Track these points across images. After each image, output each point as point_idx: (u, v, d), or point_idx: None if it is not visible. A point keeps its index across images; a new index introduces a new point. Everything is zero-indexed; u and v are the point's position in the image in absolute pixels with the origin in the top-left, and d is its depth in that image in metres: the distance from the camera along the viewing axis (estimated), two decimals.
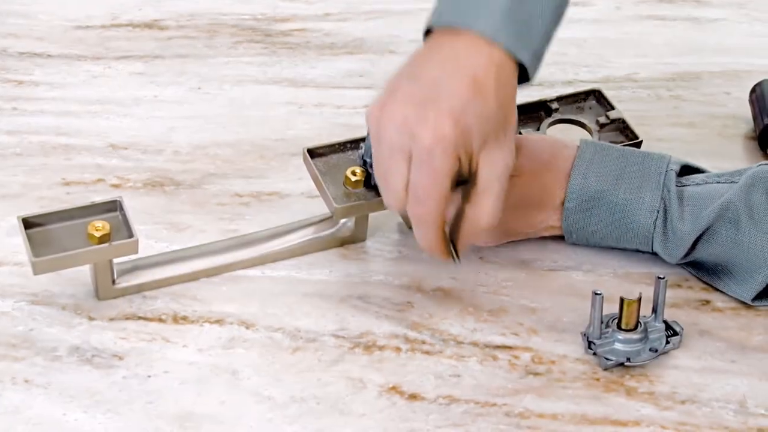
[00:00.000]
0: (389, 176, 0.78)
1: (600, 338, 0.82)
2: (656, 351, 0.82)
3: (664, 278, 0.82)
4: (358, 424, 0.79)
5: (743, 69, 1.10)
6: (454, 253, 0.82)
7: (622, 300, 0.82)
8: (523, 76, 0.82)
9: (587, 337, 0.83)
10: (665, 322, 0.84)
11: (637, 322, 0.82)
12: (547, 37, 0.82)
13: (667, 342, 0.83)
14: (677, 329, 0.84)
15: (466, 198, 0.80)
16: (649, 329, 0.83)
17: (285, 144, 1.01)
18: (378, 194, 0.88)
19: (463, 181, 0.84)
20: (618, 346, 0.82)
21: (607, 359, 0.82)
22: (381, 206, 0.89)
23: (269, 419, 0.79)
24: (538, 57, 0.81)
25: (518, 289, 0.89)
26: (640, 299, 0.81)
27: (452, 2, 0.81)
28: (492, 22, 0.79)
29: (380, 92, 0.81)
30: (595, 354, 0.82)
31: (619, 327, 0.82)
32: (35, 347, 0.84)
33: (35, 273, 0.82)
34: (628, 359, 0.81)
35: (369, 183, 0.89)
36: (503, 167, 0.79)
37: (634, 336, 0.82)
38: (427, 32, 0.82)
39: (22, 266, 0.88)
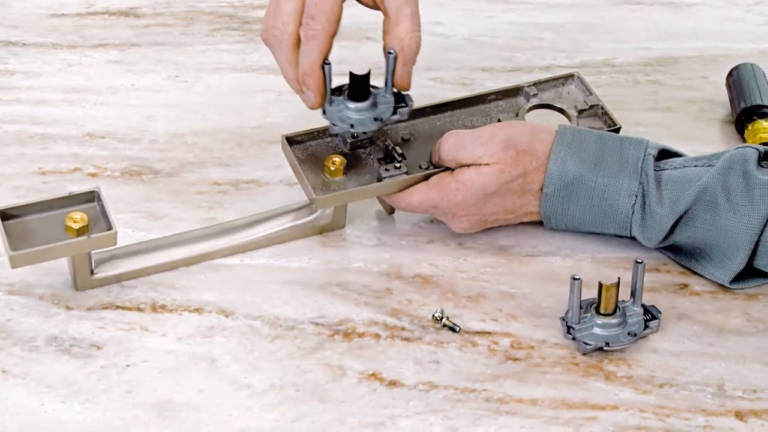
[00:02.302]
0: (281, 3, 0.84)
1: (579, 323, 0.82)
2: (635, 335, 0.82)
3: (642, 262, 0.82)
4: (337, 411, 0.79)
5: (720, 53, 1.10)
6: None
7: (600, 285, 0.82)
8: None
9: (566, 322, 0.83)
10: (643, 306, 0.84)
11: (616, 307, 0.82)
12: None
13: (646, 326, 0.83)
14: (655, 313, 0.84)
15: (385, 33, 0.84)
16: (627, 313, 0.83)
17: (263, 132, 1.01)
18: (359, 183, 0.88)
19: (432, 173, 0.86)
20: (597, 330, 0.82)
21: (586, 344, 0.82)
22: (360, 195, 0.89)
23: (248, 407, 0.79)
24: None
25: (497, 275, 0.89)
26: (618, 284, 0.82)
27: None
28: None
29: None
30: (574, 339, 0.82)
31: (597, 312, 0.83)
32: (12, 337, 0.83)
33: (13, 266, 0.82)
34: (607, 344, 0.82)
35: (347, 171, 0.89)
36: None
37: (613, 320, 0.82)
38: None
39: None
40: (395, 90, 0.87)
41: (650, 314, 0.84)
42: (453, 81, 1.07)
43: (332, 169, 0.88)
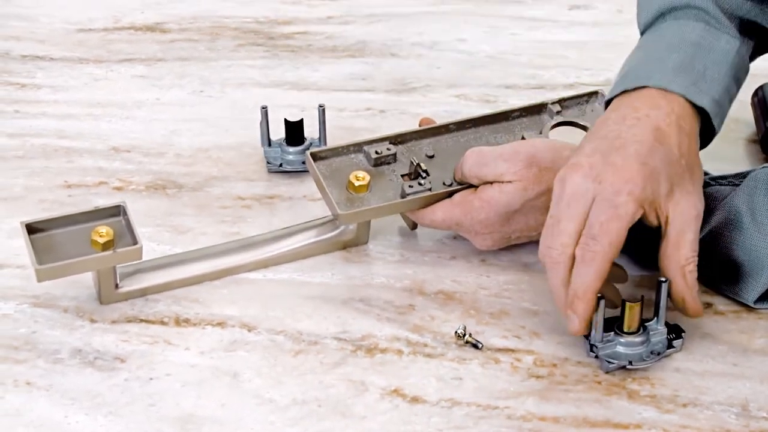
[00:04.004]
0: (562, 221, 0.77)
1: (602, 341, 0.82)
2: (658, 354, 0.82)
3: (665, 281, 0.82)
4: (359, 427, 0.79)
5: None
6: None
7: (624, 303, 0.82)
8: (706, 130, 0.82)
9: (589, 341, 0.83)
10: (667, 324, 0.84)
11: (639, 325, 0.82)
12: (726, 90, 0.82)
13: (669, 345, 0.83)
14: (679, 332, 0.84)
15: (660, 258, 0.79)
16: (650, 332, 0.83)
17: None
18: (383, 199, 0.88)
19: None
20: (620, 349, 0.82)
21: (608, 362, 0.82)
22: (385, 212, 0.89)
23: (271, 422, 0.79)
24: (719, 105, 0.81)
25: (520, 292, 0.89)
26: (642, 302, 0.81)
27: (628, 73, 0.83)
28: (666, 76, 0.79)
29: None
30: (597, 357, 0.82)
31: (621, 330, 0.82)
32: (37, 349, 0.84)
33: (39, 280, 0.82)
34: (630, 362, 0.81)
35: (371, 187, 0.89)
36: (694, 215, 0.78)
37: (636, 339, 0.82)
38: (607, 105, 0.84)
39: (24, 269, 0.88)
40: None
41: (674, 333, 0.84)
42: (477, 98, 1.07)
43: (356, 185, 0.89)
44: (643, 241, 0.82)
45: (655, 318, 0.83)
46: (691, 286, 0.80)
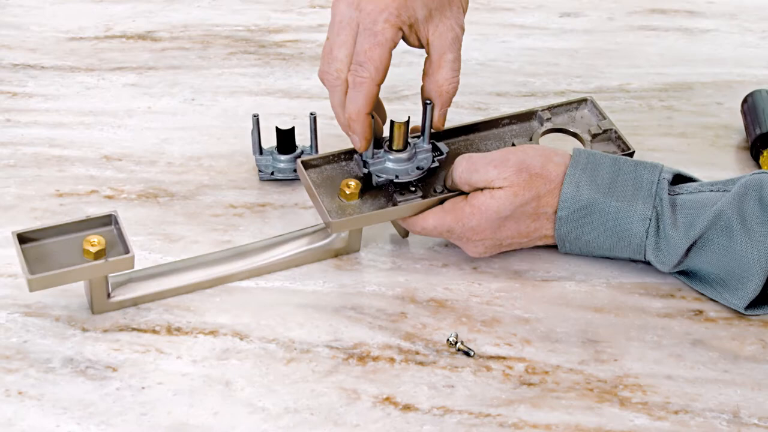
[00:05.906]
0: (334, 49, 0.86)
1: (373, 158, 0.88)
2: (422, 169, 0.89)
3: (430, 103, 0.87)
4: None
5: (735, 79, 1.10)
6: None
7: (392, 123, 0.87)
8: None
9: (362, 157, 0.89)
10: (432, 143, 0.90)
11: (406, 144, 0.88)
12: None
13: (433, 161, 0.89)
14: (443, 149, 0.90)
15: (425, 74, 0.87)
16: (417, 150, 0.89)
17: None
18: (374, 206, 0.89)
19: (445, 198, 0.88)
20: (388, 164, 0.89)
21: (378, 176, 0.88)
22: (376, 219, 0.89)
23: (263, 430, 0.79)
24: None
25: (511, 299, 0.89)
26: (408, 122, 0.87)
27: None
28: None
29: None
30: (369, 172, 0.89)
31: (390, 148, 0.89)
32: (29, 359, 0.84)
33: (31, 290, 0.82)
34: (397, 176, 0.88)
35: (363, 194, 0.89)
36: (452, 37, 0.86)
37: (403, 156, 0.89)
38: None
39: (15, 278, 0.88)
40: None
41: (438, 150, 0.90)
42: (468, 105, 1.07)
43: (348, 192, 0.89)
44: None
45: (422, 137, 0.89)
46: (443, 104, 0.88)
